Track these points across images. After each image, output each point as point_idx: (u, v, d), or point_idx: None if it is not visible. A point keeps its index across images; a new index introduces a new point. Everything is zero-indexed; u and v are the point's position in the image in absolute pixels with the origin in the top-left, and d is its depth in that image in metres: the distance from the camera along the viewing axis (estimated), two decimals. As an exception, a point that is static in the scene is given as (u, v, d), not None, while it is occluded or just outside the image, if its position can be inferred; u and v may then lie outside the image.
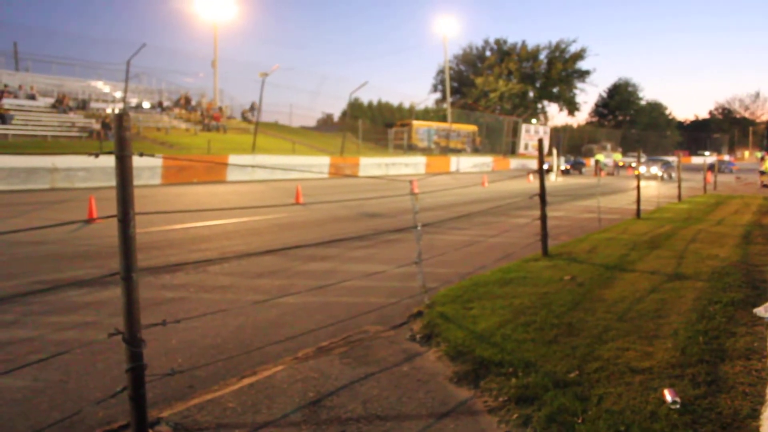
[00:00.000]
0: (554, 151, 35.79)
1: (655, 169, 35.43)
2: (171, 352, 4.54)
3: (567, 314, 5.25)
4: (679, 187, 19.53)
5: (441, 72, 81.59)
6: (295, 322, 5.37)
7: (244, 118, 48.71)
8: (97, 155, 3.15)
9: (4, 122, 28.87)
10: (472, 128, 62.47)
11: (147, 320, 3.15)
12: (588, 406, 3.39)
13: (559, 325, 4.91)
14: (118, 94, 40.53)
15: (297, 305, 5.90)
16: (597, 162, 40.01)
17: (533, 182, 27.64)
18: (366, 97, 78.05)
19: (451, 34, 76.10)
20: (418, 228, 5.70)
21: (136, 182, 2.89)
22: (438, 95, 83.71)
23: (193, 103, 45.71)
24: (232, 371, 4.18)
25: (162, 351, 4.54)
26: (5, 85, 34.15)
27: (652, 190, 22.51)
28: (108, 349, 4.41)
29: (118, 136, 2.82)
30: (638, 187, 13.76)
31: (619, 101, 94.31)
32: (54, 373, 4.06)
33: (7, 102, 31.50)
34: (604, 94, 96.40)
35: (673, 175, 34.12)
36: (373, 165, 35.49)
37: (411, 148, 52.30)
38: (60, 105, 34.31)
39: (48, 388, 3.84)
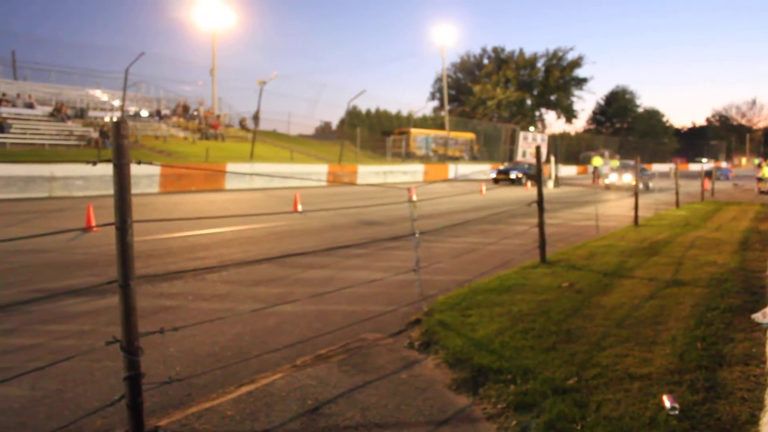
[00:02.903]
0: (552, 159, 35.58)
1: (628, 178, 28.72)
2: (169, 361, 4.53)
3: (565, 321, 5.25)
4: (677, 194, 19.59)
5: (439, 80, 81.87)
6: (294, 330, 5.36)
7: (242, 127, 48.84)
8: (94, 163, 3.17)
9: (2, 131, 28.92)
10: (470, 136, 62.62)
11: (145, 328, 3.16)
12: (587, 412, 3.39)
13: (557, 332, 4.90)
14: (117, 103, 40.66)
15: (295, 313, 5.89)
16: (595, 169, 39.70)
17: (531, 190, 27.66)
18: (364, 105, 78.67)
19: (449, 42, 76.40)
20: (416, 235, 5.70)
21: (134, 190, 2.90)
22: (436, 103, 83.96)
23: (192, 111, 45.82)
24: (230, 379, 4.17)
25: (160, 359, 4.53)
26: (3, 94, 34.25)
27: (630, 201, 22.45)
28: (106, 357, 4.40)
29: (116, 144, 2.83)
30: (636, 194, 13.77)
31: (617, 108, 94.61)
32: (52, 382, 4.05)
33: (5, 111, 31.58)
34: (602, 102, 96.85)
35: (651, 185, 29.77)
36: (371, 173, 35.47)
37: (409, 156, 52.37)
38: (58, 113, 34.38)
39: (46, 397, 3.83)
